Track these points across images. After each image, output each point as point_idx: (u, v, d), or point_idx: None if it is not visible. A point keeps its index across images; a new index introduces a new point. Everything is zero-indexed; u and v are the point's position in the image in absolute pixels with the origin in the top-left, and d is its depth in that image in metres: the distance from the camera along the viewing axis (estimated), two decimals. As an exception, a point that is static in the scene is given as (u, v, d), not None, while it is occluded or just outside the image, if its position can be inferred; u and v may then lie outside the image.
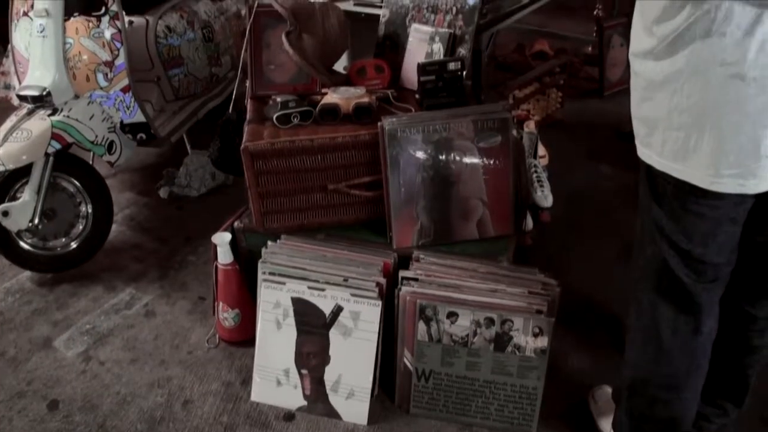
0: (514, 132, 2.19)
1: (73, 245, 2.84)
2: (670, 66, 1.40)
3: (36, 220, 2.67)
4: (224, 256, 2.23)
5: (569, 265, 2.75)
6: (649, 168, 1.55)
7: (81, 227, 2.86)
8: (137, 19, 3.24)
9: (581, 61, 4.78)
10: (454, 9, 2.35)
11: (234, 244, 2.26)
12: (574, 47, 5.03)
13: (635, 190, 1.69)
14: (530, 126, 3.06)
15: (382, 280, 2.01)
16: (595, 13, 4.85)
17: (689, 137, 1.41)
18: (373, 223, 2.16)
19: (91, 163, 3.00)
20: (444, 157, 2.04)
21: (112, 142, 2.89)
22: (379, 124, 2.00)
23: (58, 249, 2.83)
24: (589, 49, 4.90)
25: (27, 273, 2.87)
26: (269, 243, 2.15)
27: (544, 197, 2.75)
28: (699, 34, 1.33)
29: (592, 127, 4.00)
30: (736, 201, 1.46)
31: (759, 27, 1.27)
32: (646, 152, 1.55)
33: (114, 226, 3.00)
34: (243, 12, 4.04)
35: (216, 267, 2.27)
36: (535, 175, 2.82)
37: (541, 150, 3.10)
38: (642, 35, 1.49)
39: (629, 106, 1.60)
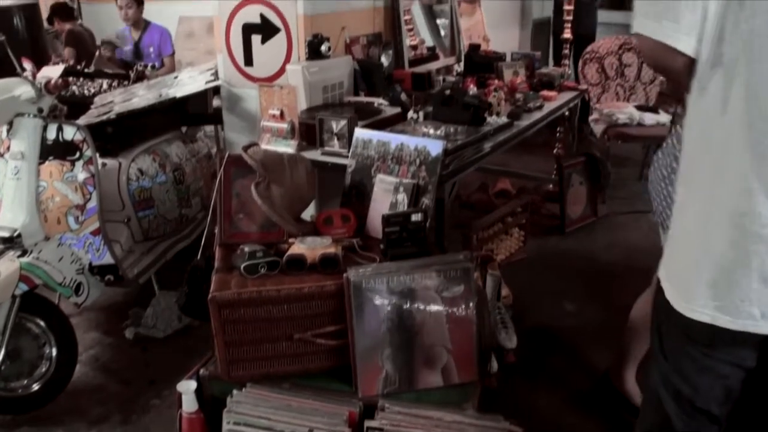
0: (477, 274, 2.26)
1: (35, 387, 2.81)
2: None
3: (-1, 361, 2.65)
4: (189, 404, 2.22)
5: (536, 408, 2.76)
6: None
7: (44, 369, 2.83)
8: (110, 162, 3.32)
9: (542, 199, 4.93)
10: (418, 161, 2.45)
11: (199, 391, 2.25)
12: (535, 185, 5.20)
13: (599, 327, 1.73)
14: (494, 267, 3.14)
15: (348, 430, 2.01)
16: (555, 152, 5.04)
17: None
18: (338, 371, 2.17)
19: (57, 303, 3.01)
20: (408, 306, 2.08)
21: (79, 284, 2.91)
22: (344, 275, 2.05)
23: (20, 390, 2.79)
24: (550, 186, 5.07)
25: (-15, 414, 2.82)
26: (234, 392, 2.14)
27: (509, 338, 2.79)
28: None
29: (555, 264, 4.09)
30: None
31: None
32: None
33: (77, 367, 2.97)
34: (214, 152, 4.16)
35: (180, 415, 2.25)
36: (499, 317, 2.87)
37: (504, 290, 3.17)
38: None
39: (590, 243, 1.65)
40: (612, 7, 6.67)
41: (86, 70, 3.99)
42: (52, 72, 3.57)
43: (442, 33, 4.65)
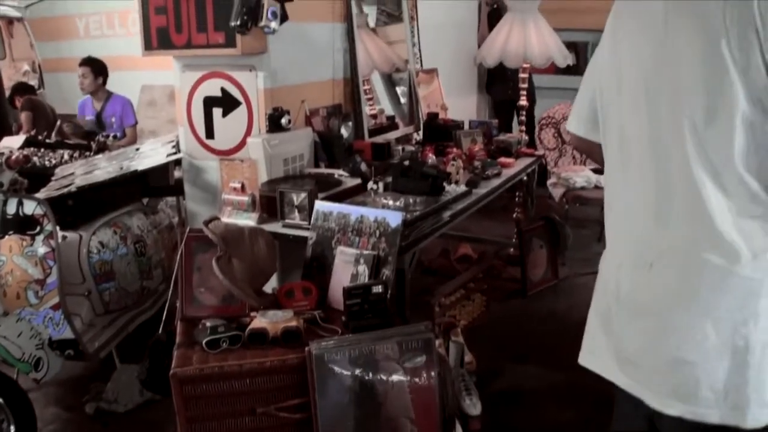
0: (440, 342, 2.28)
1: (-7, 466, 2.75)
2: None
3: (-45, 440, 2.60)
4: (150, 482, 2.20)
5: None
6: None
7: (1, 448, 2.77)
8: (71, 235, 3.30)
9: (504, 263, 4.99)
10: (378, 232, 2.49)
11: (161, 469, 2.23)
12: (496, 250, 5.26)
13: (564, 390, 1.77)
14: (457, 333, 3.16)
15: (311, 506, 2.00)
16: (514, 216, 5.12)
17: None
18: (302, 444, 2.17)
19: (15, 378, 2.96)
20: (370, 378, 2.10)
21: (39, 359, 2.87)
22: (306, 348, 2.07)
23: (-24, 470, 2.73)
24: (511, 250, 5.14)
25: (-61, 496, 2.74)
26: (197, 469, 2.13)
27: (473, 405, 2.80)
28: None
29: (517, 327, 4.12)
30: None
31: None
32: None
33: (36, 444, 2.91)
34: (176, 222, 4.15)
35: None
36: (462, 384, 2.88)
37: (468, 356, 3.18)
38: None
39: (552, 305, 1.76)
40: (567, 73, 6.84)
41: (47, 141, 4.00)
42: (13, 142, 3.57)
43: (402, 101, 4.74)
